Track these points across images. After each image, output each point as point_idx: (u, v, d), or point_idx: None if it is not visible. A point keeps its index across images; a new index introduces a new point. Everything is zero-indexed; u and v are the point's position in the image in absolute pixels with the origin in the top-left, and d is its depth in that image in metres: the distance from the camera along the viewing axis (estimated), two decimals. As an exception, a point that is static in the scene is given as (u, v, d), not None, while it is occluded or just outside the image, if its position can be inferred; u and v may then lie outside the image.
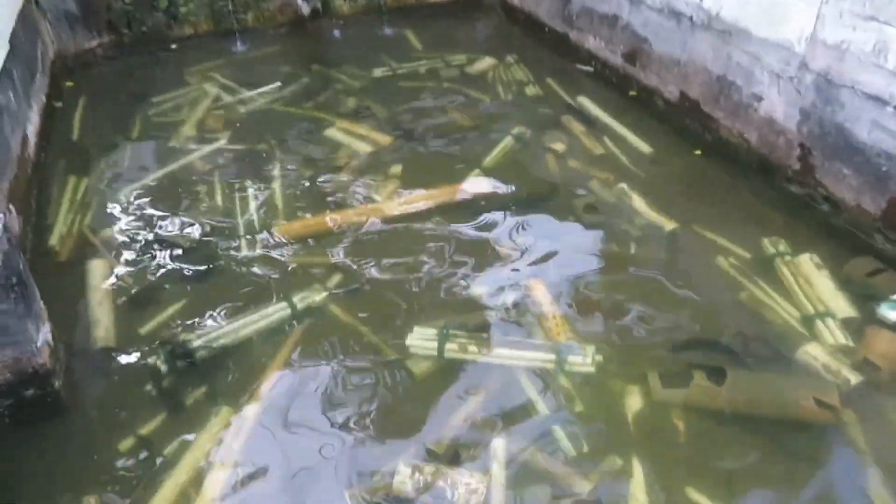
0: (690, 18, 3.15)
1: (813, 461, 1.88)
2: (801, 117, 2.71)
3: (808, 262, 2.48)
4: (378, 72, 4.11)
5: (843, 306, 2.30)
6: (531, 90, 3.85)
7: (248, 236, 2.77)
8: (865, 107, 2.44)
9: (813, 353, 2.14)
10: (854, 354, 2.13)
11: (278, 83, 3.96)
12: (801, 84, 2.67)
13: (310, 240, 2.75)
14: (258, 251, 2.69)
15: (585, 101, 3.67)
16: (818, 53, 2.57)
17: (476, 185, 3.06)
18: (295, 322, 2.37)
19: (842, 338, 2.18)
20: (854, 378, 2.05)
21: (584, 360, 2.17)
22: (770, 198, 2.88)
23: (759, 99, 2.89)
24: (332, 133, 3.50)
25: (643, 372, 2.12)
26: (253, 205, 2.96)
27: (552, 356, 2.19)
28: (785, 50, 2.70)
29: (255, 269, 2.61)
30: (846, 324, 2.23)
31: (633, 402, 2.05)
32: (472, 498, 1.84)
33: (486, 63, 4.16)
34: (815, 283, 2.40)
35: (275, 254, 2.68)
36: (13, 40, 3.16)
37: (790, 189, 2.84)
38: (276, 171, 3.19)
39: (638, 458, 1.89)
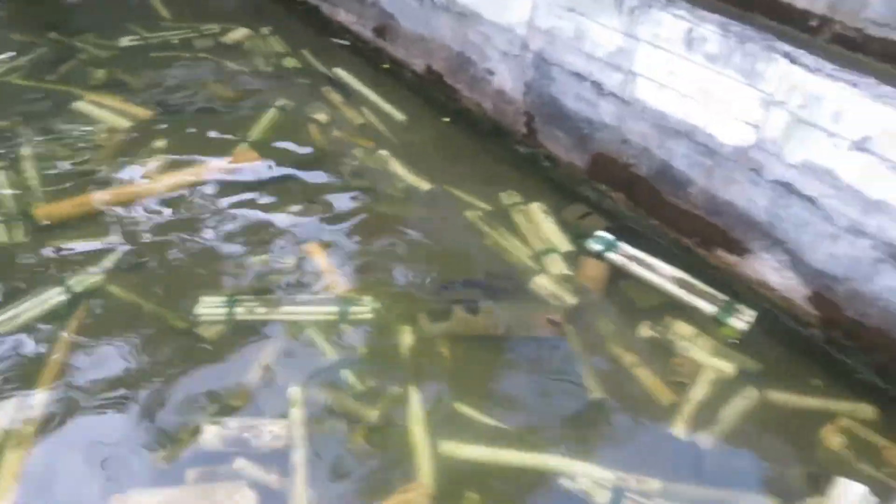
0: (432, 0, 3.53)
1: (546, 365, 2.40)
2: (525, 89, 3.24)
3: (536, 209, 3.03)
4: (126, 41, 3.95)
5: (563, 243, 2.87)
6: (290, 62, 3.99)
7: (7, 221, 2.63)
8: (570, 82, 3.01)
9: (543, 282, 2.68)
10: (573, 281, 2.71)
11: (12, 52, 3.65)
12: (524, 62, 3.18)
13: (78, 221, 2.69)
14: (22, 238, 2.58)
15: (342, 73, 3.92)
16: (535, 36, 3.08)
17: (245, 157, 3.18)
18: (74, 305, 2.36)
19: (563, 268, 2.75)
20: (572, 298, 2.62)
21: (362, 308, 2.49)
22: (505, 158, 3.40)
23: (492, 73, 3.37)
24: (84, 107, 3.35)
25: (413, 313, 2.50)
26: (6, 189, 2.79)
27: (335, 308, 2.47)
28: (510, 32, 3.19)
29: (23, 256, 2.52)
30: (566, 257, 2.81)
31: (407, 339, 2.42)
32: (276, 443, 2.07)
33: (240, 34, 4.20)
34: (542, 226, 2.95)
35: (40, 237, 2.60)
36: None
37: (520, 150, 3.39)
38: (27, 151, 3.01)
39: (414, 384, 2.26)
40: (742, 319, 2.55)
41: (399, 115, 3.61)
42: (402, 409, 2.20)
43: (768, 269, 2.56)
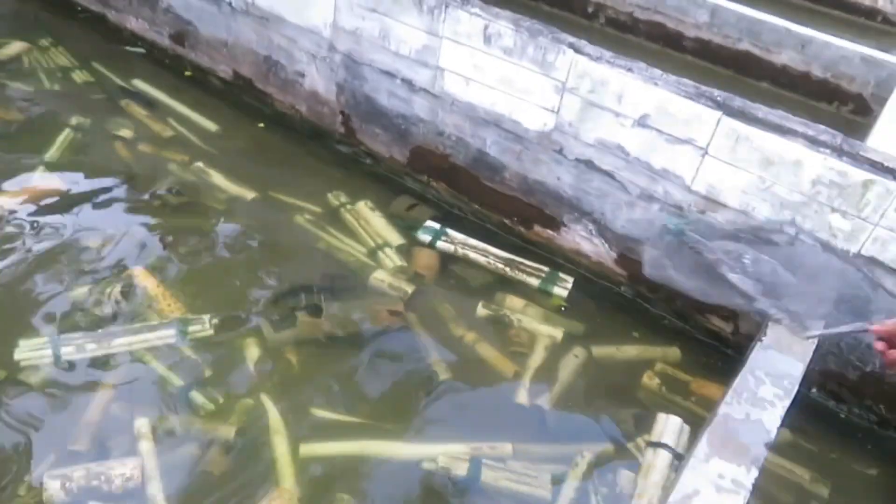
0: (230, 4, 3.45)
1: (394, 354, 2.49)
2: (338, 90, 3.28)
3: (364, 206, 3.10)
4: None
5: (394, 237, 2.97)
6: (79, 76, 3.71)
7: None
8: (382, 80, 3.10)
9: (380, 277, 2.76)
10: (407, 271, 2.82)
11: None
12: (333, 63, 3.22)
13: None
14: None
15: (142, 84, 3.71)
16: (341, 37, 3.13)
17: (43, 182, 2.93)
18: None
19: (398, 261, 2.85)
20: (410, 288, 2.73)
21: (202, 327, 2.42)
22: (326, 158, 3.43)
23: (303, 76, 3.38)
24: None
25: (256, 324, 2.48)
26: None
27: (172, 331, 2.38)
28: (315, 34, 3.21)
29: None
30: (399, 250, 2.91)
31: (253, 351, 2.40)
32: (129, 484, 1.97)
33: (16, 48, 3.82)
34: (372, 222, 3.03)
35: None
36: None
37: (340, 149, 3.43)
38: None
39: (266, 395, 2.26)
40: (563, 286, 2.81)
41: (211, 125, 3.50)
42: (258, 421, 2.19)
43: (580, 239, 2.84)
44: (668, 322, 2.75)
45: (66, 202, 2.87)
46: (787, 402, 1.79)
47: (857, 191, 2.07)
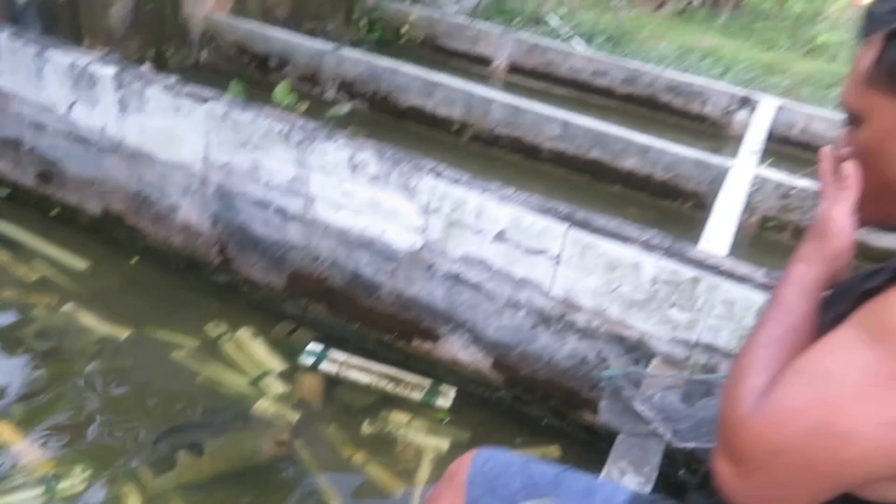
0: (97, 144, 3.48)
1: (283, 486, 2.46)
2: (212, 221, 3.33)
3: (244, 335, 3.10)
4: None
5: (277, 364, 2.98)
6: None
7: None
8: (255, 210, 3.19)
9: (264, 406, 2.75)
10: (292, 398, 2.82)
11: None
12: (206, 195, 3.29)
13: None
14: None
15: (4, 226, 3.61)
16: (213, 171, 3.22)
17: None
18: None
19: (281, 388, 2.85)
20: (296, 415, 2.73)
21: (72, 481, 2.31)
22: (204, 289, 3.43)
23: (176, 209, 3.41)
24: None
25: (134, 472, 2.39)
26: None
27: (40, 490, 2.25)
28: (187, 169, 3.28)
29: None
30: (282, 376, 2.92)
31: (133, 501, 2.30)
32: None
33: None
34: (253, 351, 3.03)
35: None
36: None
37: (218, 279, 3.45)
38: None
39: (147, 548, 2.16)
40: (446, 397, 2.90)
41: (79, 263, 3.43)
42: (138, 578, 2.08)
43: (458, 349, 2.96)
44: (546, 421, 2.88)
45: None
46: (649, 488, 1.92)
47: (688, 286, 2.33)
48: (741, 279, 2.22)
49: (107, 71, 3.33)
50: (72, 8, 5.26)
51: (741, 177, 4.07)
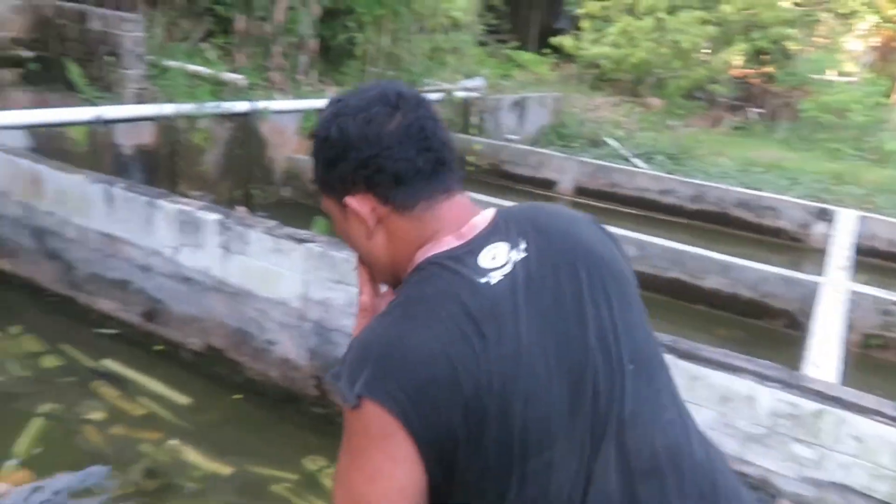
0: (202, 283, 3.68)
1: None
2: (309, 355, 3.43)
3: (343, 470, 3.10)
4: None
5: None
6: (49, 361, 3.76)
7: None
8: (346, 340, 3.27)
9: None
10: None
11: None
12: (304, 330, 3.41)
13: None
14: None
15: (112, 364, 3.78)
16: (311, 307, 3.35)
17: (12, 479, 2.86)
18: None
19: None
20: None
21: None
22: (301, 423, 3.47)
23: (274, 343, 3.53)
24: None
25: None
26: None
27: None
28: (286, 305, 3.42)
29: None
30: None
31: None
32: None
33: (-16, 339, 3.89)
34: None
35: None
36: None
37: (315, 411, 3.49)
38: None
39: None
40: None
41: (183, 399, 3.54)
42: None
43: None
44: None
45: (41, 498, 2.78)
46: None
47: (811, 420, 2.24)
48: (869, 412, 2.14)
49: (211, 217, 3.57)
50: (170, 157, 5.73)
51: (835, 293, 3.98)
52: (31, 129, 4.75)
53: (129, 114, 5.32)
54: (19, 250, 4.40)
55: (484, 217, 1.09)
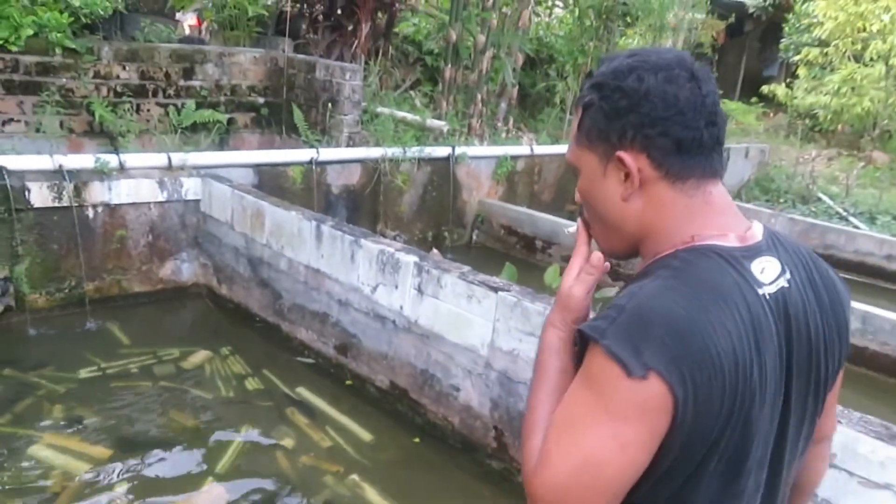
0: (394, 322, 3.76)
1: None
2: (491, 405, 3.36)
3: (518, 533, 2.97)
4: (84, 373, 3.94)
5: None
6: (252, 384, 4.03)
7: None
8: (537, 399, 3.15)
9: None
10: None
11: (-39, 396, 3.56)
12: (489, 379, 3.34)
13: None
14: None
15: (305, 392, 3.97)
16: (497, 357, 3.29)
17: (213, 495, 3.05)
18: None
19: None
20: None
21: None
22: (476, 473, 3.39)
23: (457, 389, 3.50)
24: (39, 450, 3.21)
25: None
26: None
27: None
28: (473, 353, 3.39)
29: None
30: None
31: None
32: None
33: (200, 356, 4.26)
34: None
35: None
36: None
37: (492, 464, 3.40)
38: (-26, 511, 2.81)
39: None
40: None
41: (365, 435, 3.62)
42: None
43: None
44: None
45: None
46: None
47: None
48: None
49: (409, 258, 3.65)
50: (373, 197, 6.03)
51: None
52: (257, 167, 5.24)
53: (341, 156, 5.70)
54: (236, 277, 4.83)
55: (758, 227, 1.07)
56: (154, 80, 5.75)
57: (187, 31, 7.55)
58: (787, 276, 1.01)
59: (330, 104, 5.89)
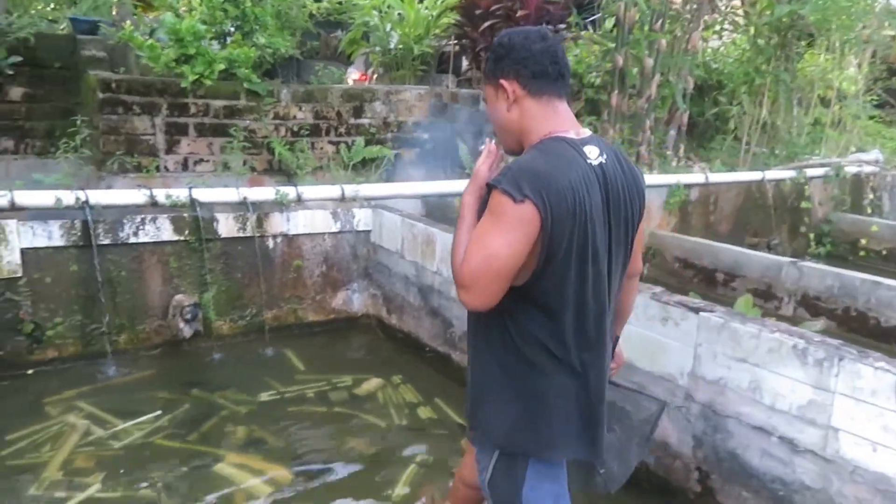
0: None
1: None
2: (694, 443, 2.96)
3: (737, 592, 2.53)
4: (264, 396, 3.99)
5: None
6: (424, 412, 3.90)
7: None
8: (752, 436, 2.73)
9: None
10: None
11: (157, 412, 3.69)
12: (690, 413, 2.96)
13: None
14: None
15: (479, 423, 3.76)
16: (700, 387, 2.90)
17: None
18: None
19: None
20: None
21: None
22: (680, 520, 2.99)
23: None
24: (224, 469, 3.23)
25: None
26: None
27: None
28: (669, 382, 3.03)
29: None
30: None
31: None
32: None
33: (373, 384, 4.20)
34: None
35: None
36: None
37: (695, 511, 2.99)
38: (167, 526, 2.84)
39: None
40: None
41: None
42: None
43: None
44: None
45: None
46: None
47: None
48: None
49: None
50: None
51: None
52: (424, 198, 5.22)
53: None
54: (406, 306, 4.77)
55: (588, 130, 1.84)
56: (327, 119, 5.97)
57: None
58: (604, 157, 1.76)
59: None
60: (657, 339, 3.07)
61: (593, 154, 1.73)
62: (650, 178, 6.39)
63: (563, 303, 1.71)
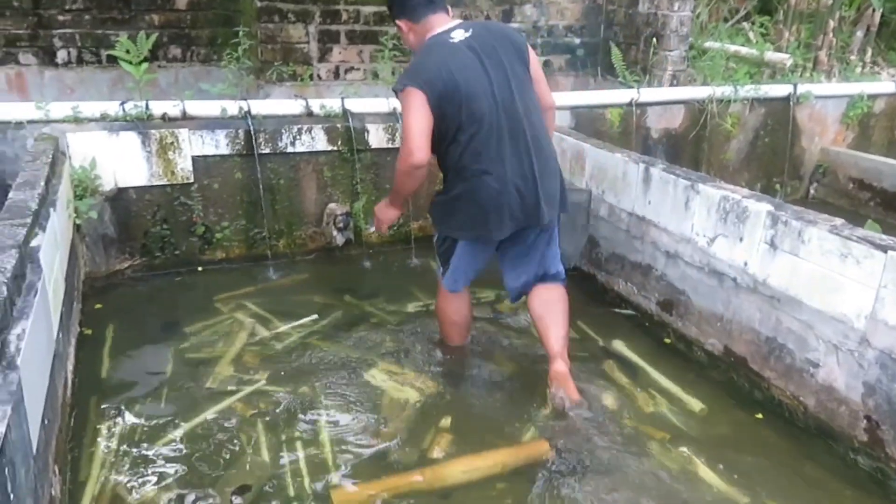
0: (734, 280, 3.28)
1: None
2: (865, 390, 2.74)
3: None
4: (412, 307, 4.12)
5: None
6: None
7: (306, 505, 2.57)
8: (937, 390, 2.48)
9: None
10: None
11: (315, 315, 3.93)
12: (864, 358, 2.73)
13: (371, 508, 2.56)
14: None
15: (622, 347, 3.70)
16: (879, 332, 2.65)
17: (539, 449, 2.94)
18: None
19: None
20: None
21: None
22: (834, 468, 2.83)
23: (816, 365, 2.94)
24: (374, 376, 3.41)
25: None
26: (303, 463, 2.79)
27: None
28: (842, 323, 2.79)
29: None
30: None
31: None
32: None
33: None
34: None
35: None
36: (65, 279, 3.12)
37: (858, 461, 2.81)
38: (323, 420, 3.06)
39: None
40: None
41: (694, 403, 3.23)
42: None
43: None
44: None
45: (550, 471, 2.81)
46: None
47: None
48: None
49: (761, 207, 3.12)
50: (696, 142, 5.45)
51: None
52: (574, 109, 5.00)
53: (664, 97, 5.22)
54: (551, 222, 4.68)
55: (454, 21, 2.94)
56: (475, 24, 5.78)
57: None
58: (469, 31, 2.87)
59: (655, 39, 5.39)
60: (833, 276, 2.82)
61: (459, 35, 2.84)
62: (829, 88, 5.76)
63: (469, 135, 2.80)
